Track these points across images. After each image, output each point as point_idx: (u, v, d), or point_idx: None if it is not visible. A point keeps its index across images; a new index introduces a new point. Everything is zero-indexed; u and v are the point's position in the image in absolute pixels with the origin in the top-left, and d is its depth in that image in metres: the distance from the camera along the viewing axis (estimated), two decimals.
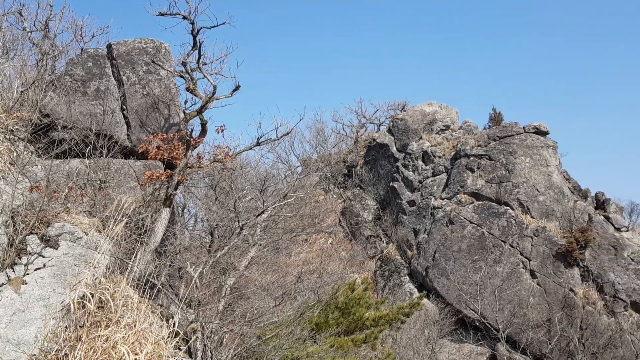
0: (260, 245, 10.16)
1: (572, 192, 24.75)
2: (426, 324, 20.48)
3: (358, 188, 30.57)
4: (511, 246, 22.63)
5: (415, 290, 23.81)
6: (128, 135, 12.32)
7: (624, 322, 20.27)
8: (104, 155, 10.43)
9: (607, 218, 23.45)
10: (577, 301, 20.79)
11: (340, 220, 29.22)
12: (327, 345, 11.41)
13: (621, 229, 23.37)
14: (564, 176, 25.44)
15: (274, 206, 10.14)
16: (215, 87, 10.45)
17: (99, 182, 9.61)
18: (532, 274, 21.92)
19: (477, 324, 21.58)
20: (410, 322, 19.40)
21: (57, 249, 6.78)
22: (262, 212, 9.85)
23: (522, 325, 20.23)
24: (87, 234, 7.27)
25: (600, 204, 24.49)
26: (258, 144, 10.84)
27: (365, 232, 28.12)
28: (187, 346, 6.83)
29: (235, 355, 7.85)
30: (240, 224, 9.35)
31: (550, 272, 21.68)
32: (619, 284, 20.96)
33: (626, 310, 20.60)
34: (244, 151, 11.06)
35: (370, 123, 36.61)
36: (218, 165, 10.50)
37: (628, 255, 21.74)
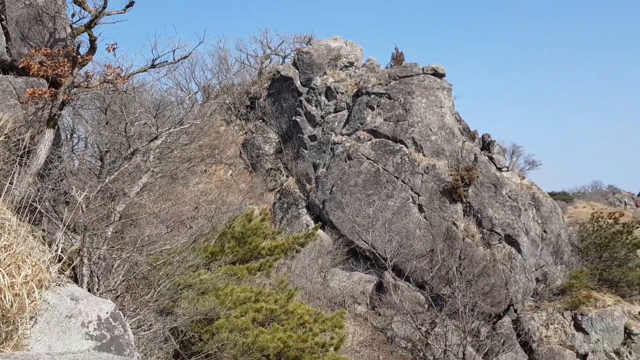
0: (153, 172, 9.88)
1: (461, 133, 26.25)
2: (320, 253, 21.35)
3: (260, 121, 30.31)
4: (403, 182, 23.81)
5: (312, 222, 24.54)
6: (7, 48, 11.16)
7: (498, 253, 22.37)
8: None
9: (491, 158, 25.26)
10: (458, 234, 22.54)
11: (240, 152, 29.03)
12: (221, 273, 11.58)
13: (502, 169, 25.34)
14: (455, 117, 26.83)
15: (168, 132, 9.80)
16: (106, 1, 9.66)
17: None
18: (420, 208, 23.33)
19: (368, 254, 22.82)
20: (306, 252, 20.11)
21: None
22: (156, 138, 9.49)
23: (407, 255, 21.66)
24: None
25: (486, 145, 26.26)
26: (153, 66, 10.27)
27: (265, 165, 28.22)
28: (70, 270, 6.63)
29: (124, 281, 7.76)
30: (132, 150, 8.98)
31: (437, 207, 23.20)
32: (495, 219, 22.92)
33: (500, 243, 22.69)
34: (137, 73, 10.45)
35: (276, 55, 36.01)
36: (109, 86, 9.87)
37: (506, 193, 23.71)
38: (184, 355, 9.16)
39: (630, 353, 20.55)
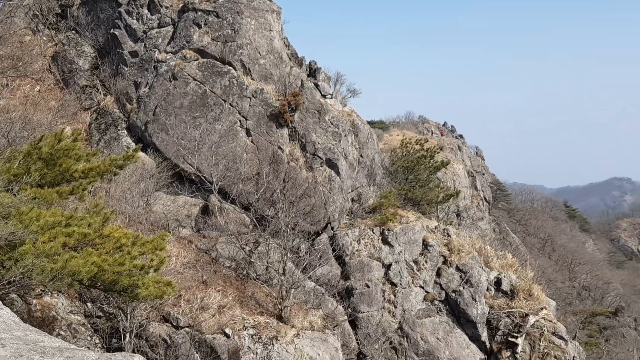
0: None
1: (289, 58, 26.51)
2: (142, 177, 20.56)
3: (73, 32, 27.22)
4: (231, 105, 23.59)
5: (133, 144, 23.25)
6: None
7: (319, 176, 23.66)
8: None
9: (316, 85, 26.06)
10: (283, 158, 23.26)
11: (50, 66, 26.00)
12: (25, 196, 10.61)
13: (326, 96, 26.35)
14: (284, 42, 26.92)
15: None
16: None
17: None
18: (248, 133, 23.48)
19: (193, 178, 22.53)
20: (126, 176, 19.24)
21: None
22: None
23: (234, 178, 21.86)
24: None
25: (312, 72, 26.96)
26: None
27: (80, 82, 25.72)
28: None
29: None
30: None
31: (264, 131, 23.54)
32: (318, 143, 24.02)
33: (321, 166, 23.96)
34: None
35: None
36: None
37: (329, 119, 24.85)
38: None
39: (426, 262, 23.62)
